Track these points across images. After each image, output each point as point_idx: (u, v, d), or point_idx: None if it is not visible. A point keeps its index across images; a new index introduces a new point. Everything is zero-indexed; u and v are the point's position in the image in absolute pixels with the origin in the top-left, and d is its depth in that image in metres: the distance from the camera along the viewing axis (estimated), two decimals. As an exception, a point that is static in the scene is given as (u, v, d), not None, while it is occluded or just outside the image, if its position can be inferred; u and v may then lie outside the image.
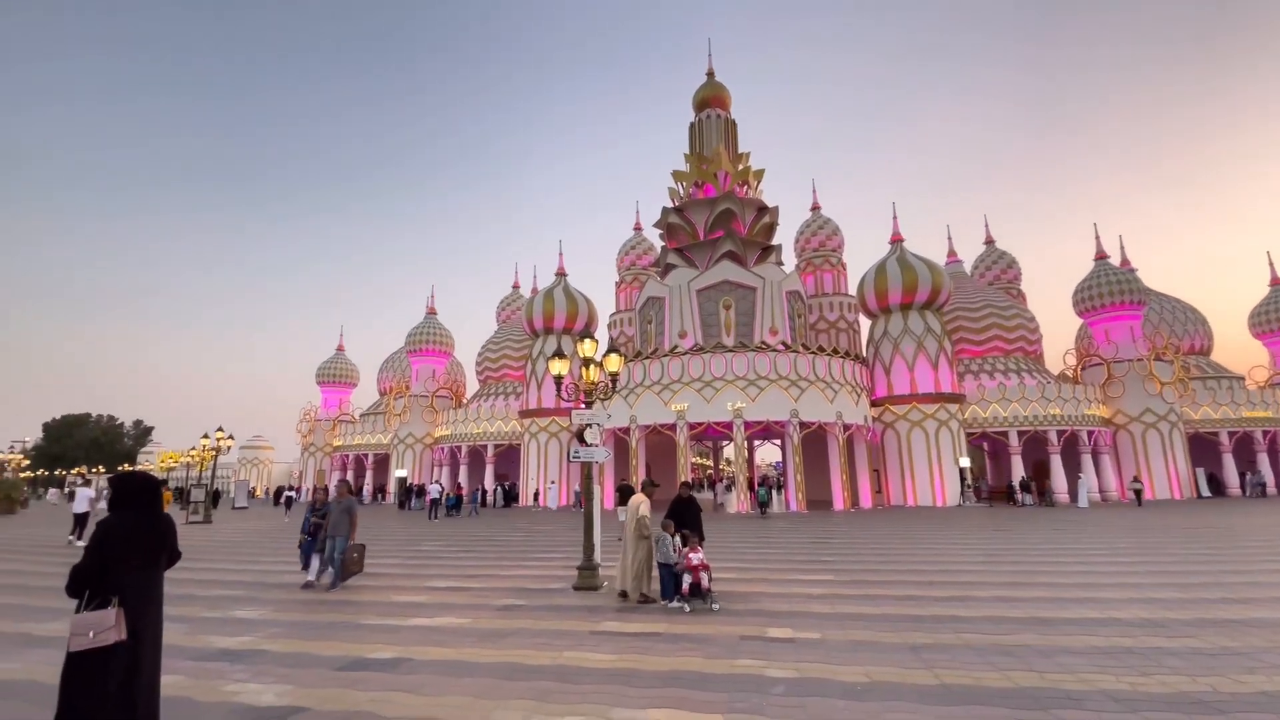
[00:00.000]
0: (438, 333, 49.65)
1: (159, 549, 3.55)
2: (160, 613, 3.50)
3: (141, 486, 3.61)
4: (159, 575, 3.56)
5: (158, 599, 3.50)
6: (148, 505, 3.59)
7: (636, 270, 45.28)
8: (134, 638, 3.30)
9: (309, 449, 52.02)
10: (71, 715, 3.18)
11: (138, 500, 3.58)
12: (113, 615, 3.25)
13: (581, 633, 6.38)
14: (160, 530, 3.57)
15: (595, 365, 9.68)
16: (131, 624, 3.30)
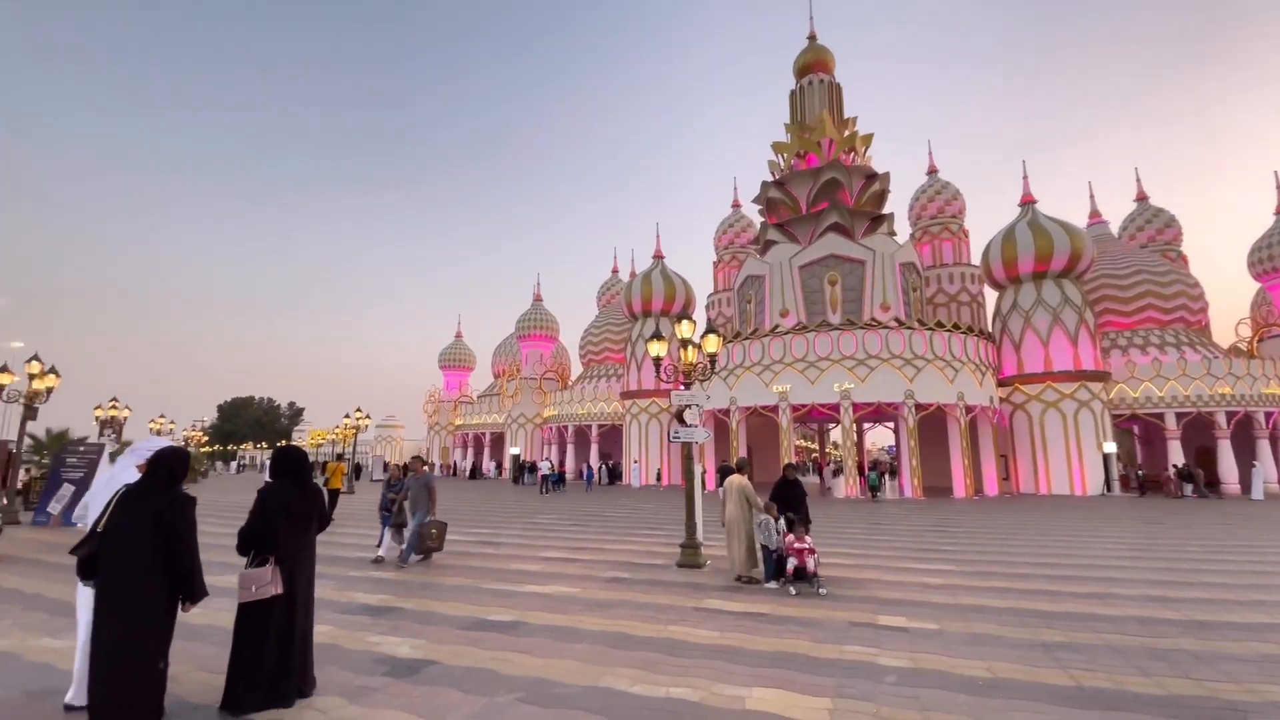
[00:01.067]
0: (544, 318, 51.87)
1: (308, 514, 4.02)
2: (312, 570, 3.99)
3: (293, 459, 4.11)
4: (310, 537, 4.05)
5: (310, 558, 3.99)
6: (298, 475, 4.07)
7: (735, 249, 44.42)
8: (289, 592, 3.80)
9: (434, 427, 56.51)
10: (242, 657, 3.75)
11: (290, 471, 4.07)
12: (269, 572, 3.74)
13: (685, 608, 6.49)
14: (309, 497, 4.03)
15: (693, 346, 9.67)
16: (286, 580, 3.80)
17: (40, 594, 6.98)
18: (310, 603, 3.99)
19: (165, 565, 3.41)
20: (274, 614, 3.75)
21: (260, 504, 3.90)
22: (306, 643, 3.92)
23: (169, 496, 3.51)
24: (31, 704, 3.86)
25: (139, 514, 3.41)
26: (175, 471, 3.64)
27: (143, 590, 3.35)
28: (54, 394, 14.55)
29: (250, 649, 3.73)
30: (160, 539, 3.39)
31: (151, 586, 3.37)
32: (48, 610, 6.23)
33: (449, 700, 3.97)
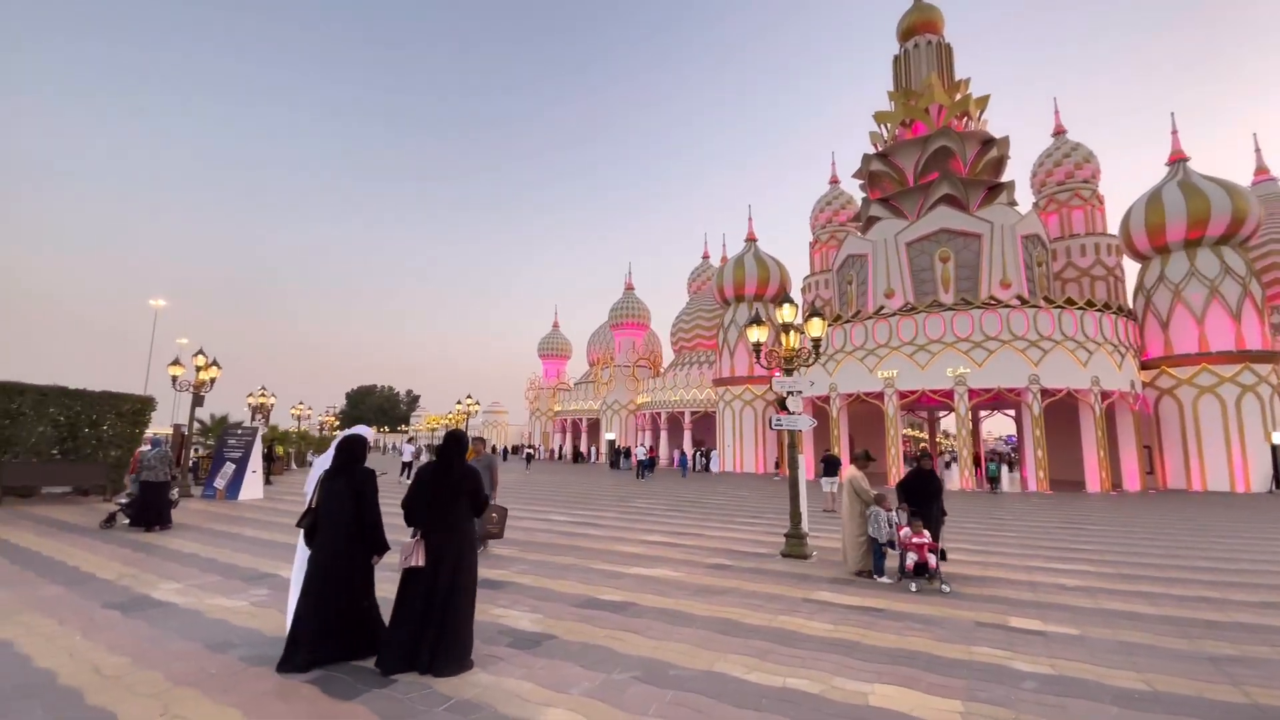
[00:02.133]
0: (635, 307, 52.45)
1: (455, 492, 4.30)
2: (461, 549, 4.22)
3: (448, 440, 4.53)
4: (456, 517, 4.28)
5: (456, 537, 4.23)
6: (447, 455, 4.40)
7: (833, 228, 42.53)
8: (432, 566, 4.12)
9: (535, 413, 59.01)
10: (395, 618, 4.16)
11: (446, 451, 4.45)
12: (411, 545, 4.16)
13: (794, 599, 6.36)
14: (457, 477, 4.32)
15: (795, 331, 9.38)
16: (432, 552, 4.11)
17: (214, 559, 8.01)
18: (458, 580, 4.15)
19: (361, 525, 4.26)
20: (418, 585, 4.10)
21: (413, 482, 4.38)
22: (448, 609, 4.09)
23: (356, 471, 4.39)
24: (212, 656, 4.43)
25: (339, 488, 4.30)
26: (354, 451, 4.50)
27: (349, 547, 4.22)
28: (215, 383, 16.58)
29: (400, 612, 4.15)
30: (355, 505, 4.26)
31: (355, 544, 4.24)
32: (220, 574, 7.14)
33: (569, 674, 4.14)
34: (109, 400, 15.95)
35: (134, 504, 10.34)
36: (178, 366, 16.25)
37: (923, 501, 7.59)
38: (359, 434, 4.68)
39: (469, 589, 4.23)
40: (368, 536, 4.30)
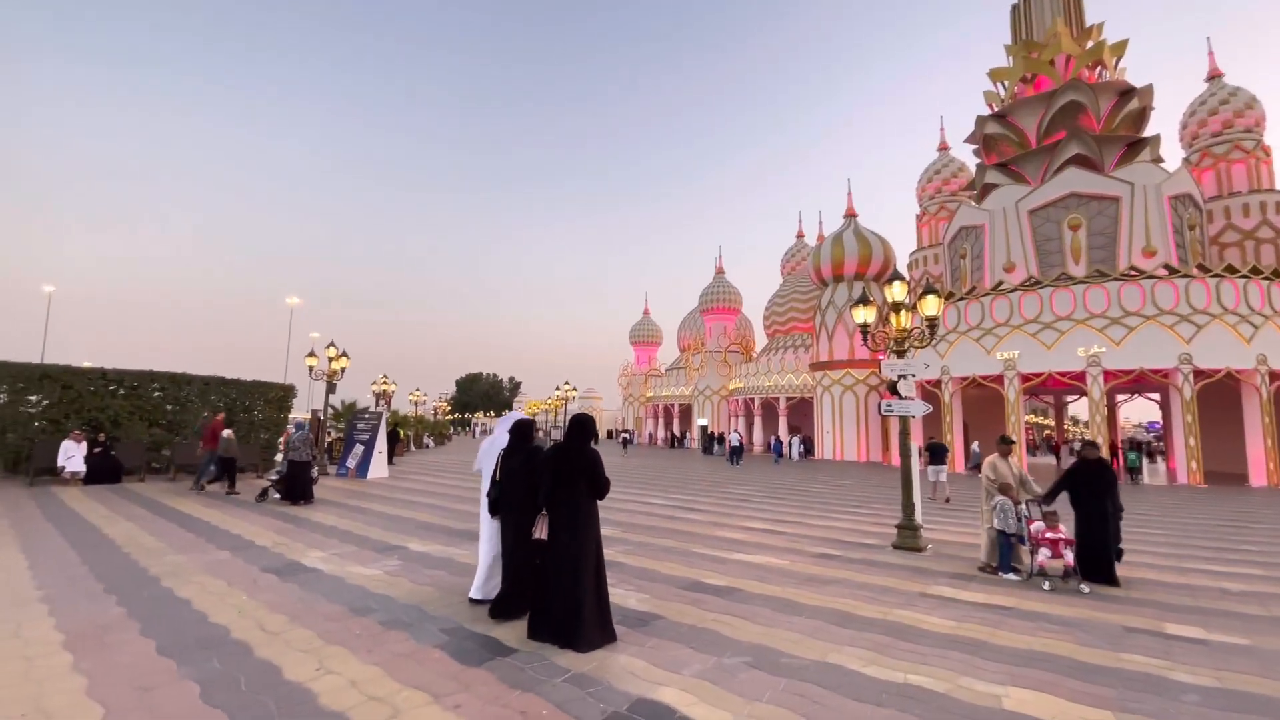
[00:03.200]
0: (726, 291, 51.70)
1: (574, 474, 4.49)
2: (579, 528, 4.40)
3: (573, 424, 4.77)
4: (576, 497, 4.46)
5: (574, 516, 4.43)
6: (571, 439, 4.64)
7: (943, 198, 39.57)
8: (551, 541, 4.38)
9: (628, 399, 60.02)
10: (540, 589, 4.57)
11: (570, 433, 4.70)
12: (534, 520, 4.55)
13: (910, 593, 6.04)
14: (574, 459, 4.52)
15: (906, 310, 8.82)
16: (552, 528, 4.40)
17: (349, 531, 8.82)
18: (580, 558, 4.32)
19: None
20: (550, 560, 4.43)
21: (540, 462, 4.74)
22: (575, 593, 4.26)
23: (527, 448, 5.03)
24: (355, 618, 4.87)
25: (515, 465, 4.94)
26: (524, 432, 5.17)
27: (527, 515, 4.73)
28: (345, 372, 18.19)
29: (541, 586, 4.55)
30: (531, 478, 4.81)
31: (531, 512, 4.70)
32: (356, 544, 7.85)
33: (679, 654, 4.17)
34: (258, 389, 17.97)
35: (282, 480, 11.60)
36: (313, 358, 17.98)
37: (1094, 495, 6.85)
38: (522, 420, 5.30)
39: (592, 565, 4.40)
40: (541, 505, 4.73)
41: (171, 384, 16.23)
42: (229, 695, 3.40)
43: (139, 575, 6.01)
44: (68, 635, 4.31)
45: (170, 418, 16.03)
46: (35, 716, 3.12)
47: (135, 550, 7.11)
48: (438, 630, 4.54)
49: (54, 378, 14.53)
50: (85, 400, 14.70)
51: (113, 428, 14.81)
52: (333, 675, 3.69)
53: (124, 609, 4.93)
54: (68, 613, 4.80)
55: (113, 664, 3.82)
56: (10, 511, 9.54)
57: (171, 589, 5.54)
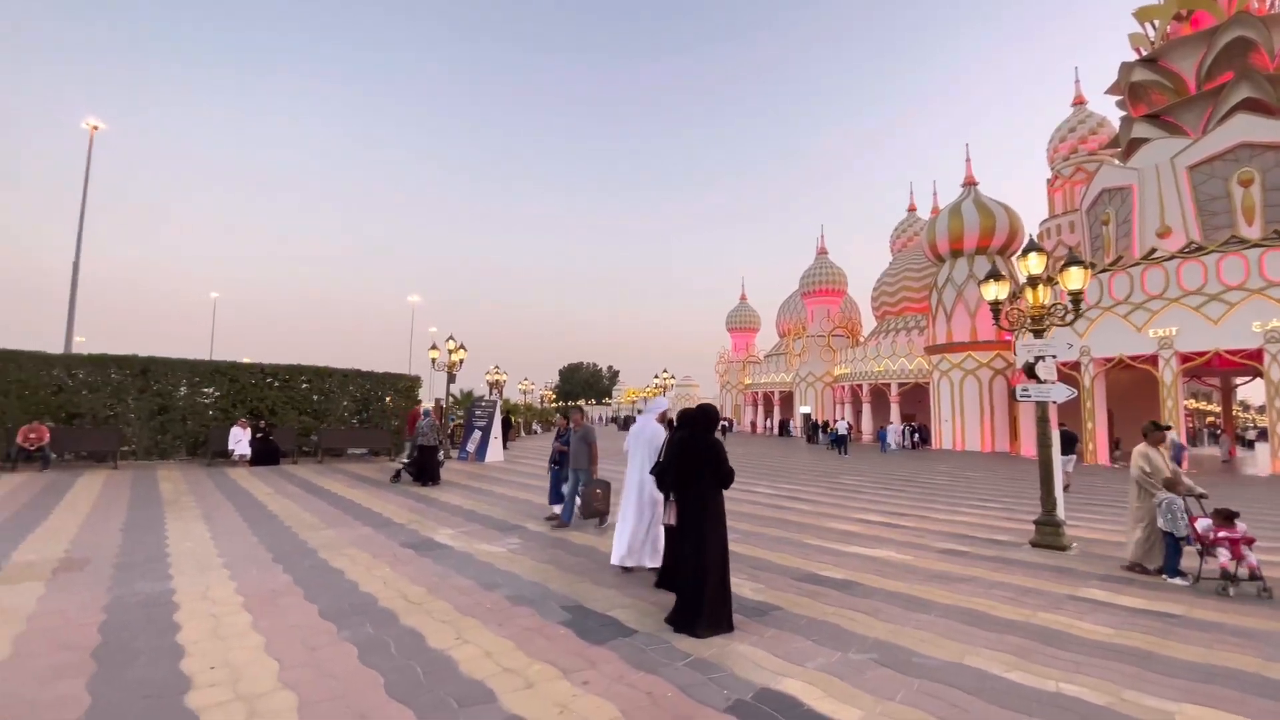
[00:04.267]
0: (829, 273, 49.52)
1: (695, 463, 4.57)
2: (702, 511, 4.50)
3: (696, 414, 4.87)
4: (700, 485, 4.55)
5: (698, 503, 4.52)
6: (695, 428, 4.75)
7: (1079, 158, 35.47)
8: (679, 526, 4.52)
9: (725, 386, 59.50)
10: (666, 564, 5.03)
11: (694, 424, 4.80)
12: (668, 506, 4.76)
13: (1056, 595, 5.51)
14: (695, 448, 4.61)
15: (1044, 284, 7.98)
16: (679, 514, 4.56)
17: (474, 510, 9.42)
18: (703, 546, 4.40)
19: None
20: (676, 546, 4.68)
21: (664, 450, 4.92)
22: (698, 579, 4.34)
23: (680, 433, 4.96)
24: (485, 593, 5.18)
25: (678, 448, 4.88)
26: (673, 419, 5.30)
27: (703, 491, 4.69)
28: (463, 363, 19.44)
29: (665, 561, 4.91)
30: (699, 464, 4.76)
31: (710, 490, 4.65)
32: (480, 524, 8.36)
33: (800, 646, 4.06)
34: (389, 380, 19.62)
35: (413, 463, 12.60)
36: (435, 350, 19.34)
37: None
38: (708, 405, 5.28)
39: (716, 555, 4.42)
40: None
41: (317, 377, 18.10)
42: (382, 658, 3.73)
43: (299, 547, 6.76)
44: (246, 598, 4.92)
45: (316, 407, 17.90)
46: (224, 668, 3.58)
47: (295, 524, 8.01)
48: (559, 608, 4.73)
49: (223, 373, 16.68)
50: (248, 392, 16.76)
51: (270, 416, 16.78)
52: (469, 645, 3.95)
53: (290, 576, 5.56)
54: (244, 578, 5.50)
55: (284, 624, 4.32)
56: (194, 489, 11.08)
57: (327, 560, 6.19)
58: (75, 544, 6.59)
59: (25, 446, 12.78)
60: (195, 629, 4.18)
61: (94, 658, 3.65)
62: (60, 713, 2.97)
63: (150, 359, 15.70)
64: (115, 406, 15.04)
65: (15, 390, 13.92)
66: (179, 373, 16.09)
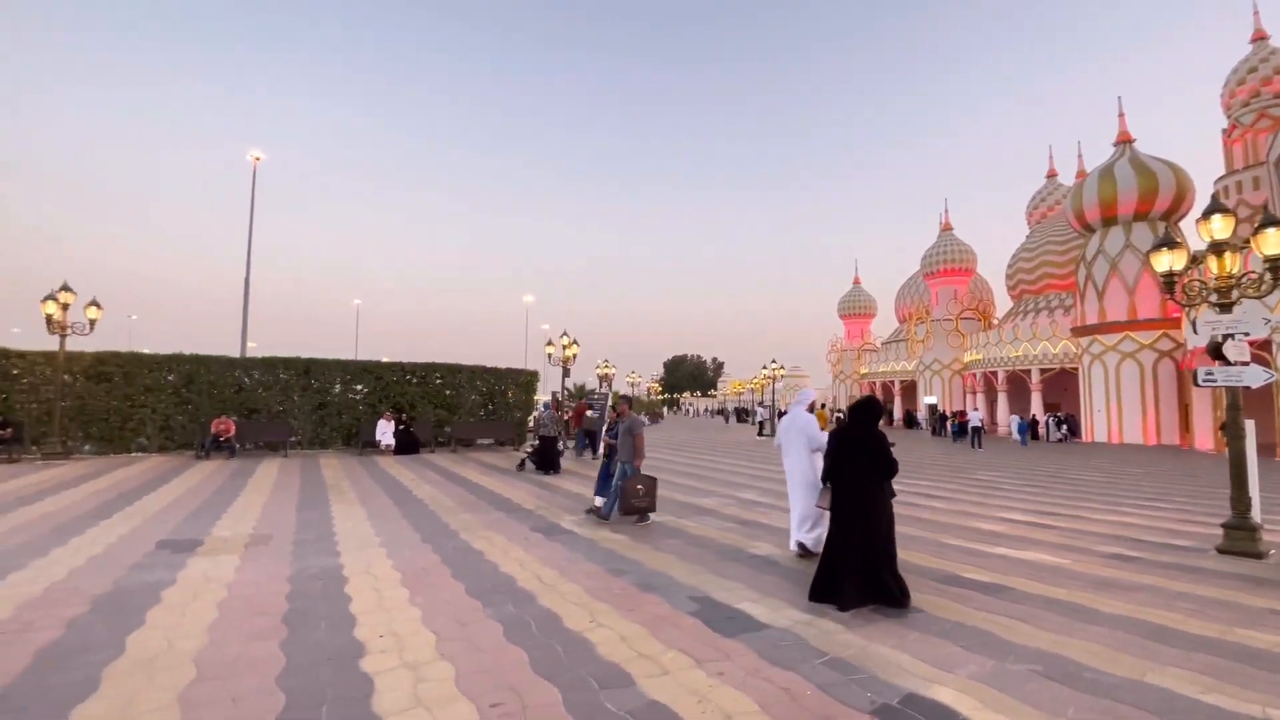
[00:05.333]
0: (956, 250, 45.76)
1: (858, 455, 4.76)
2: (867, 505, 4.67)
3: (858, 406, 5.02)
4: (865, 475, 4.74)
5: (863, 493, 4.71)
6: (856, 420, 4.89)
7: (1264, 102, 30.03)
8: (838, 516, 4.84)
9: (838, 376, 57.03)
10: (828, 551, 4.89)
11: (855, 416, 4.93)
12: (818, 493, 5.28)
13: (1255, 609, 4.74)
14: (859, 440, 4.80)
15: (1232, 250, 6.83)
16: (838, 507, 4.80)
17: (593, 499, 9.74)
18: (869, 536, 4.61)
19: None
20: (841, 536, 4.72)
21: (828, 440, 5.09)
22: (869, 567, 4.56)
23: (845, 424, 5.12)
24: (612, 578, 5.33)
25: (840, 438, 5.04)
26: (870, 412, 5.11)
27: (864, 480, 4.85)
28: (576, 357, 20.18)
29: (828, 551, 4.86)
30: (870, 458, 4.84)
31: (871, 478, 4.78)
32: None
33: (948, 652, 3.80)
34: (511, 374, 20.80)
35: (536, 453, 13.28)
36: (550, 346, 20.22)
37: None
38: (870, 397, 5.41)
39: (877, 547, 4.60)
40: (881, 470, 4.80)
41: (448, 373, 19.58)
42: (525, 636, 3.96)
43: (443, 529, 7.35)
44: (402, 574, 5.42)
45: (448, 401, 19.36)
46: (390, 637, 3.96)
47: (437, 508, 8.72)
48: (687, 598, 4.77)
49: (369, 371, 18.49)
50: (391, 388, 18.46)
51: (410, 409, 18.37)
52: (604, 629, 4.09)
53: (437, 556, 6.06)
54: (399, 555, 6.06)
55: (437, 600, 4.71)
56: (349, 475, 12.38)
57: (468, 542, 6.68)
58: (260, 523, 7.61)
59: (216, 437, 14.94)
60: (363, 600, 4.68)
61: (284, 622, 4.19)
62: (262, 670, 3.43)
63: (311, 360, 17.74)
64: (284, 402, 17.17)
65: (206, 390, 16.30)
66: (334, 372, 18.05)
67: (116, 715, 2.91)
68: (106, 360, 15.59)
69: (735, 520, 8.09)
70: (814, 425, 6.13)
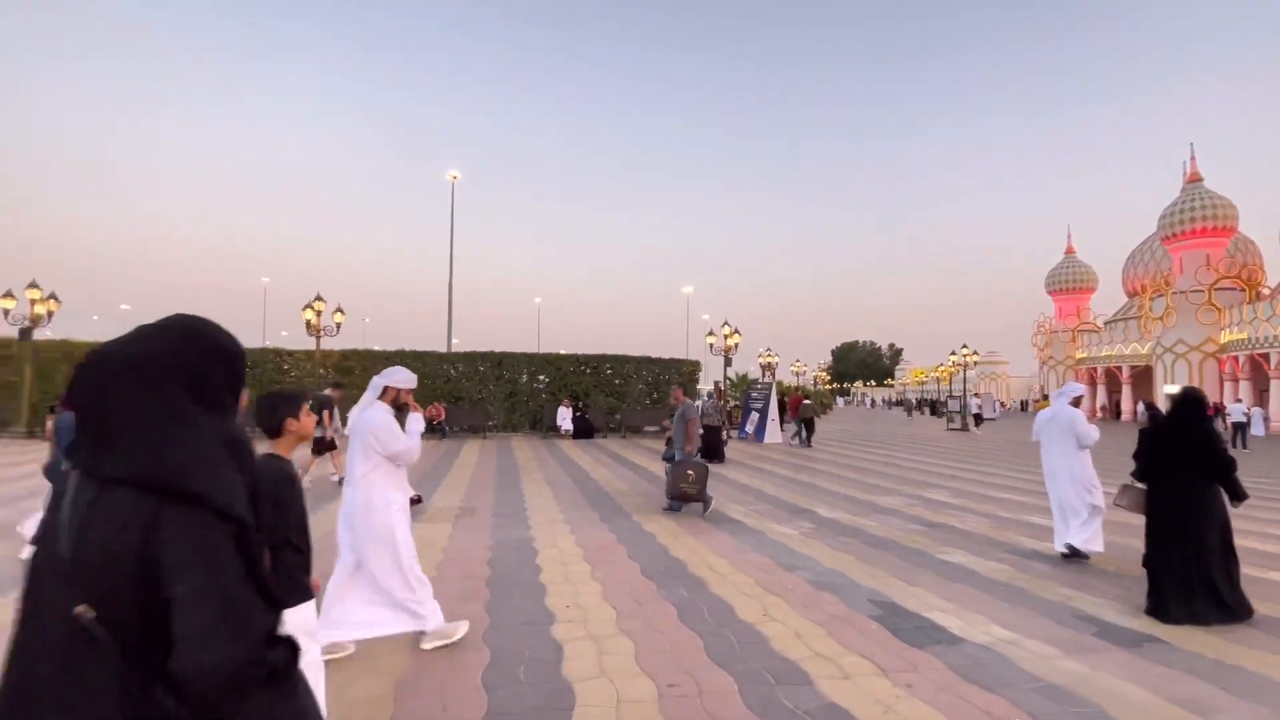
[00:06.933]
0: (1208, 205, 37.07)
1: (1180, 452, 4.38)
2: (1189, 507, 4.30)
3: (1181, 400, 4.57)
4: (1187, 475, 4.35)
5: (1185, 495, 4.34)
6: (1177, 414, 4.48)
7: None
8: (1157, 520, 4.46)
9: (1046, 362, 49.64)
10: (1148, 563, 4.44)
11: (1176, 410, 4.50)
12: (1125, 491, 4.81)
13: None
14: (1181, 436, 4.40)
15: None
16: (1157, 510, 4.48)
17: (761, 490, 9.62)
18: (1182, 544, 4.22)
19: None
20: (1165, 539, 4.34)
21: (1140, 438, 4.69)
22: (1207, 574, 4.16)
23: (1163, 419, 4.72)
24: (784, 573, 5.21)
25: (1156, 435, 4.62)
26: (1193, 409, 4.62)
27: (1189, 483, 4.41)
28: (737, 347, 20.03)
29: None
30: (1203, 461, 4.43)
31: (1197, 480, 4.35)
32: (769, 504, 8.49)
33: (1199, 691, 3.12)
34: (674, 364, 21.31)
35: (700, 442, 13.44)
36: (711, 336, 20.30)
37: None
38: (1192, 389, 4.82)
39: (1211, 548, 4.19)
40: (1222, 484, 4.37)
41: (617, 363, 20.63)
42: (698, 621, 4.04)
43: (617, 509, 7.78)
44: (584, 550, 5.83)
45: (618, 389, 20.40)
46: (576, 608, 4.27)
47: (611, 490, 9.24)
48: (867, 600, 4.50)
49: (550, 362, 20.13)
50: (568, 378, 19.92)
51: (585, 397, 19.67)
52: (777, 623, 4.02)
53: (614, 536, 6.42)
54: (581, 533, 6.52)
55: (615, 577, 4.99)
56: (536, 456, 13.60)
57: (640, 524, 6.98)
58: (466, 496, 8.68)
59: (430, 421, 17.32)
60: (552, 572, 5.12)
61: (487, 585, 4.74)
62: (474, 626, 3.90)
63: (503, 354, 19.80)
64: (482, 391, 19.37)
65: (421, 380, 18.94)
66: (521, 364, 19.95)
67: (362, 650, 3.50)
68: (349, 356, 18.88)
69: (921, 522, 7.45)
70: (1081, 420, 5.79)
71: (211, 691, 0.88)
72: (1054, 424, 5.92)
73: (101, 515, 0.91)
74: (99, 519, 0.91)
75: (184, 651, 0.87)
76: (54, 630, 0.90)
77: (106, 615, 0.88)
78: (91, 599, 0.88)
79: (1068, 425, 5.82)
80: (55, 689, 0.89)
